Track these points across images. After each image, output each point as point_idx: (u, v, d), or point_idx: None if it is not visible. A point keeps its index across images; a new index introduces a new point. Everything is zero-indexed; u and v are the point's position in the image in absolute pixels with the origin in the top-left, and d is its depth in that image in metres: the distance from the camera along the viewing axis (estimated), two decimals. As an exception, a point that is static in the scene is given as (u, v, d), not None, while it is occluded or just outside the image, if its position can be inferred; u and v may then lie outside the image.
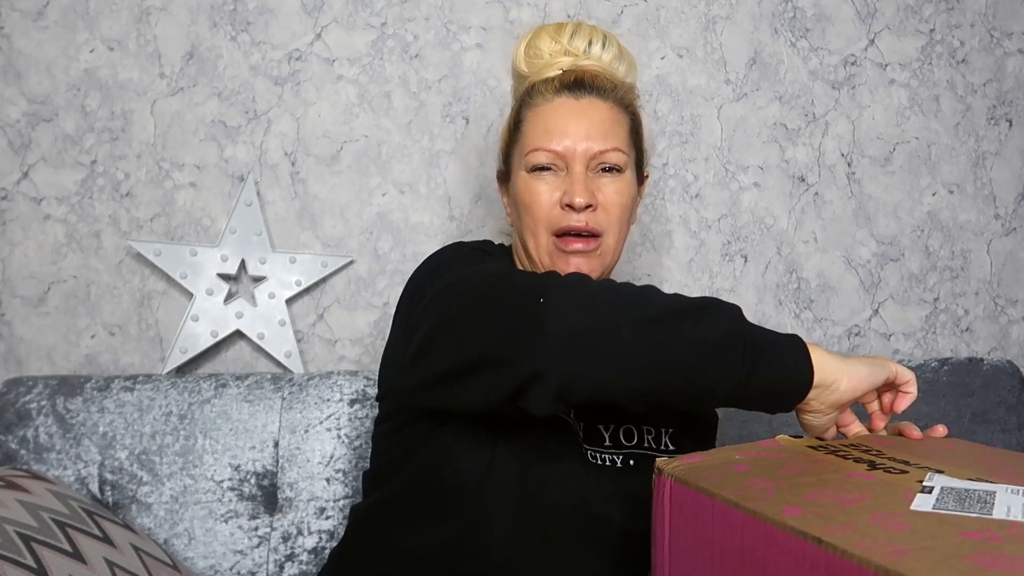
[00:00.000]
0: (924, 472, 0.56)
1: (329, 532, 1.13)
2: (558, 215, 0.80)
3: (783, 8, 1.50)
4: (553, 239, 0.81)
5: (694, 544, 0.56)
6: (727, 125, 1.48)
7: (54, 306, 1.30)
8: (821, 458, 0.61)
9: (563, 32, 0.87)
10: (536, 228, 0.81)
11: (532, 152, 0.81)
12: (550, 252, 0.81)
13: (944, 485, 0.52)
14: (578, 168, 0.80)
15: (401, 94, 1.39)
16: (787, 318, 1.50)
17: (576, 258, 0.81)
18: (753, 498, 0.51)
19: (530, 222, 0.82)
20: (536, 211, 0.81)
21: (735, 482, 0.56)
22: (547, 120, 0.82)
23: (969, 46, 1.55)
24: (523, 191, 0.82)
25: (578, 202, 0.78)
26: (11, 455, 1.10)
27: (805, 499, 0.50)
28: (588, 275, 0.63)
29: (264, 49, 1.35)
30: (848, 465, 0.59)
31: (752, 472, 0.58)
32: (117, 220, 1.32)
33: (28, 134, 1.30)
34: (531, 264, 0.86)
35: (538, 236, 0.81)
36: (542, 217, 0.81)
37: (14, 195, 1.29)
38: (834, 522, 0.46)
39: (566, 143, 0.80)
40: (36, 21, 1.30)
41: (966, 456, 0.63)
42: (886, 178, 1.53)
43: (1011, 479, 0.54)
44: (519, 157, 0.84)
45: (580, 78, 0.84)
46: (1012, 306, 1.58)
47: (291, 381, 1.20)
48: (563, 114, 0.82)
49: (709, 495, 0.55)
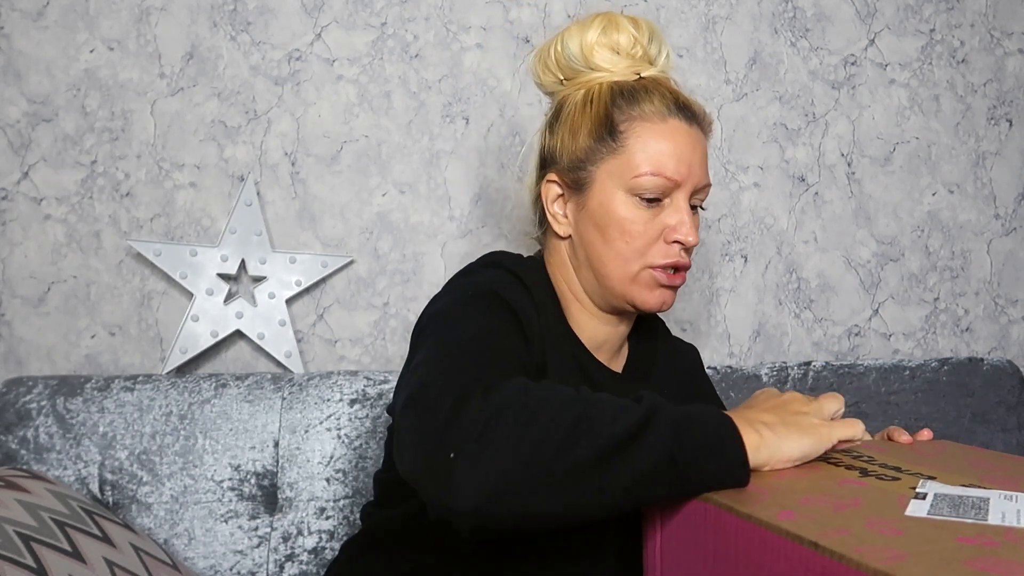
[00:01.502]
0: (916, 479, 0.56)
1: (329, 532, 1.13)
2: (662, 249, 0.76)
3: (783, 8, 1.50)
4: (650, 270, 0.76)
5: (687, 548, 0.56)
6: (727, 125, 1.48)
7: (54, 306, 1.31)
8: (813, 466, 0.61)
9: (640, 30, 0.80)
10: (631, 256, 0.75)
11: (645, 176, 0.74)
12: (640, 281, 0.76)
13: (937, 491, 0.52)
14: (683, 203, 0.76)
15: (401, 94, 1.39)
16: (787, 318, 1.50)
17: (667, 292, 0.78)
18: (747, 503, 0.52)
19: (625, 250, 0.75)
20: (638, 241, 0.75)
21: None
22: (663, 143, 0.74)
23: (969, 46, 1.55)
24: (623, 214, 0.75)
25: (691, 242, 0.75)
26: (11, 455, 1.10)
27: (800, 504, 0.50)
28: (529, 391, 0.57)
29: (264, 49, 1.36)
30: (840, 472, 0.59)
31: None
32: (117, 220, 1.32)
33: (28, 134, 1.30)
34: (597, 285, 0.79)
35: (630, 264, 0.76)
36: (642, 247, 0.75)
37: (14, 195, 1.30)
38: (830, 527, 0.46)
39: (682, 171, 0.75)
40: (36, 21, 1.30)
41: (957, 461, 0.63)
42: (886, 178, 1.53)
43: (1003, 484, 0.54)
44: (617, 173, 0.75)
45: (686, 103, 0.78)
46: (1012, 306, 1.58)
47: (291, 381, 1.20)
48: (681, 140, 0.75)
49: (702, 499, 0.55)
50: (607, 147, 0.76)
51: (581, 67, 0.80)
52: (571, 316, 0.82)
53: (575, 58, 0.79)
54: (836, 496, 0.52)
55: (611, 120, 0.76)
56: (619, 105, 0.76)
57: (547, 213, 0.81)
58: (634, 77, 0.78)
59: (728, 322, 1.49)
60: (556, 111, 0.82)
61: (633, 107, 0.76)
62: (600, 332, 0.83)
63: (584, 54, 0.79)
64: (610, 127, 0.76)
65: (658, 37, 0.82)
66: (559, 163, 0.79)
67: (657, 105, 0.76)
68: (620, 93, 0.77)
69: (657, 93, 0.77)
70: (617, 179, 0.75)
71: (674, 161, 0.74)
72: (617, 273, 0.76)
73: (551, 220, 0.81)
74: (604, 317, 0.82)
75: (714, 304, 1.49)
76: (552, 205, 0.81)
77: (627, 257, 0.75)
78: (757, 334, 1.50)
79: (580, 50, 0.79)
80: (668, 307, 0.78)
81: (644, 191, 0.74)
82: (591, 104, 0.78)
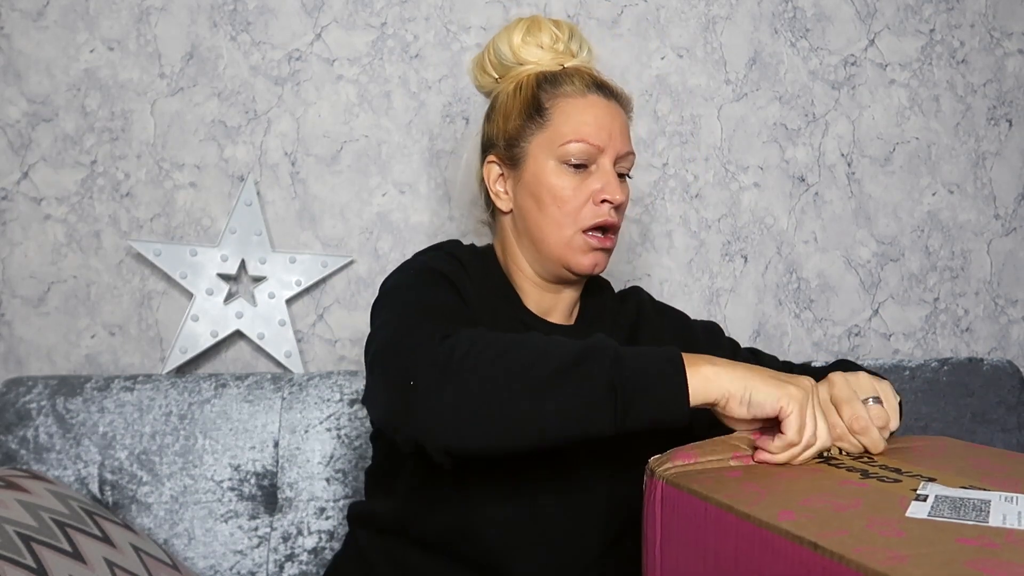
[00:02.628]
0: (917, 480, 0.56)
1: (329, 532, 1.13)
2: (592, 211, 0.82)
3: (783, 8, 1.49)
4: (582, 234, 0.83)
5: (686, 547, 0.56)
6: (727, 125, 1.48)
7: (54, 306, 1.31)
8: (814, 467, 0.61)
9: (562, 29, 0.90)
10: (564, 221, 0.82)
11: (570, 143, 0.81)
12: (575, 247, 0.83)
13: (938, 493, 0.52)
14: (608, 166, 0.83)
15: (401, 94, 1.39)
16: (787, 318, 1.50)
17: (599, 254, 0.84)
18: (747, 502, 0.52)
19: (558, 214, 0.82)
20: (569, 204, 0.82)
21: (728, 486, 0.56)
22: (584, 114, 0.82)
23: (969, 46, 1.55)
24: (555, 183, 0.82)
25: (618, 199, 0.82)
26: (11, 455, 1.10)
27: (800, 504, 0.50)
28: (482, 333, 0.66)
29: (264, 49, 1.36)
30: (841, 474, 0.59)
31: (745, 477, 0.58)
32: (117, 220, 1.32)
33: (28, 134, 1.30)
34: (540, 257, 0.86)
35: (564, 229, 0.82)
36: (573, 211, 0.82)
37: (14, 195, 1.30)
38: (830, 527, 0.46)
39: (603, 138, 0.82)
40: (36, 21, 1.30)
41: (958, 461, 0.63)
42: (886, 178, 1.53)
43: (1004, 486, 0.54)
44: (546, 145, 0.83)
45: (604, 82, 0.87)
46: (1012, 306, 1.58)
47: (291, 381, 1.20)
48: (600, 110, 0.83)
49: (702, 498, 0.55)
50: (536, 123, 0.84)
51: (512, 63, 0.89)
52: (520, 289, 0.89)
53: (506, 57, 0.89)
54: (837, 496, 0.52)
55: (538, 100, 0.85)
56: (544, 88, 0.85)
57: (490, 193, 0.89)
58: (558, 67, 0.87)
59: (728, 322, 1.49)
60: (491, 104, 0.91)
61: (556, 88, 0.85)
62: (546, 300, 0.89)
63: (514, 51, 0.88)
64: (537, 106, 0.84)
65: (578, 35, 0.90)
66: (496, 146, 0.88)
67: (577, 84, 0.85)
68: (545, 78, 0.86)
69: (577, 75, 0.86)
70: (547, 150, 0.83)
71: (595, 128, 0.82)
72: (553, 238, 0.83)
73: (494, 198, 0.89)
74: (548, 286, 0.89)
75: (714, 304, 1.49)
76: (494, 184, 0.89)
77: (561, 222, 0.82)
78: (757, 334, 1.50)
79: (510, 49, 0.88)
80: (602, 269, 0.86)
81: (571, 157, 0.82)
82: (520, 90, 0.87)
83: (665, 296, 1.47)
